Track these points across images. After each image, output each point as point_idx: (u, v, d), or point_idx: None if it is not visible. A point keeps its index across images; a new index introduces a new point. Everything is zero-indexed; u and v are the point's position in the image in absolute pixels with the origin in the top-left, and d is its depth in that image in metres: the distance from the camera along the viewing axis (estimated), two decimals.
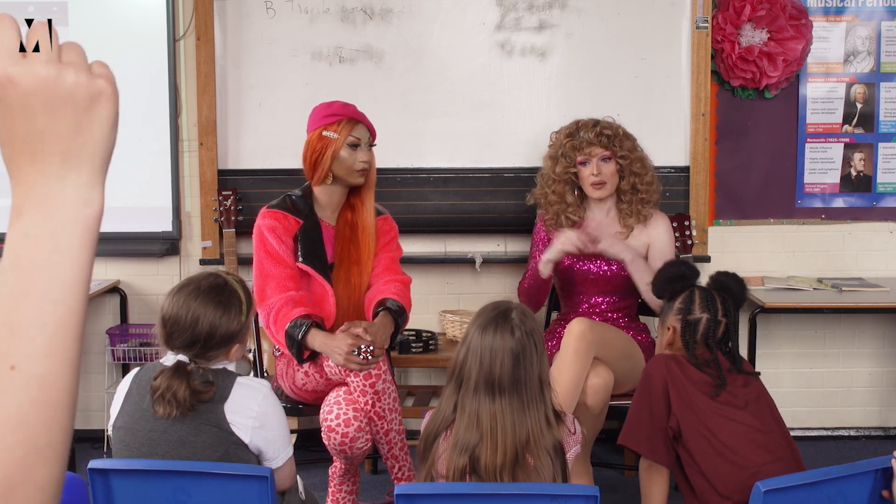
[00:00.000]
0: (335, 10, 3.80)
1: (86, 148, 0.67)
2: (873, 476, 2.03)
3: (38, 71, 0.65)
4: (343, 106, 2.93)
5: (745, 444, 2.31)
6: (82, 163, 0.67)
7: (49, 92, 0.65)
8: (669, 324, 2.54)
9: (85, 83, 0.67)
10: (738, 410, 2.37)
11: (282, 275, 2.84)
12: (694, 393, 2.39)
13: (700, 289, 2.54)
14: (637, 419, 2.44)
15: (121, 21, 3.86)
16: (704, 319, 2.48)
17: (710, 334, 2.47)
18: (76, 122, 0.66)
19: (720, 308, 2.49)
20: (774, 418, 2.42)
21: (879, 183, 3.95)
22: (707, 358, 2.45)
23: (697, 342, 2.47)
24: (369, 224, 2.96)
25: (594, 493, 1.84)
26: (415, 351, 3.64)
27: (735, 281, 2.59)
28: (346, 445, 2.68)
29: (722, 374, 2.41)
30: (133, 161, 3.88)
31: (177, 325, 2.10)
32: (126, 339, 3.84)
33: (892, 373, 4.07)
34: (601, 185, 3.14)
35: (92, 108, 0.67)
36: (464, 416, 2.01)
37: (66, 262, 0.66)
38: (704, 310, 2.49)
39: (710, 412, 2.36)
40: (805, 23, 3.79)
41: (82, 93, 0.66)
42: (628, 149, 3.15)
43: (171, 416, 2.03)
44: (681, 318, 2.50)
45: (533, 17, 3.80)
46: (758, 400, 2.42)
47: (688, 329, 2.48)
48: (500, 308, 2.09)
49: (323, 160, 2.88)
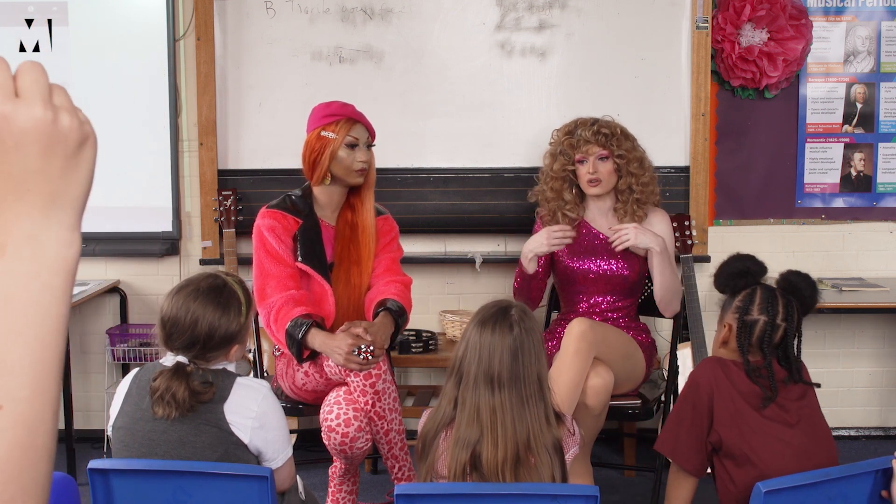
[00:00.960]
0: (335, 10, 3.80)
1: (71, 190, 0.68)
2: (873, 476, 2.03)
3: (36, 112, 0.65)
4: (342, 106, 2.93)
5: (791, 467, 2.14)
6: (66, 205, 0.68)
7: (45, 133, 0.66)
8: (726, 321, 2.38)
9: (77, 127, 0.68)
10: (788, 429, 2.23)
11: (282, 274, 2.84)
12: (742, 406, 2.24)
13: (764, 288, 2.36)
14: (676, 427, 2.31)
15: (121, 21, 3.86)
16: (762, 322, 2.31)
17: (765, 338, 2.30)
18: (65, 165, 0.67)
19: (781, 311, 2.31)
20: (825, 436, 2.27)
21: (879, 183, 3.95)
22: (759, 364, 2.29)
23: (752, 345, 2.31)
24: (369, 224, 2.95)
25: (594, 493, 1.84)
26: (415, 351, 3.64)
27: (806, 282, 2.40)
28: (346, 445, 2.68)
29: (774, 384, 2.26)
30: (133, 161, 3.88)
31: (176, 326, 2.10)
32: (126, 339, 3.84)
33: (892, 373, 4.07)
34: (597, 182, 3.15)
35: (80, 152, 0.68)
36: (464, 411, 2.02)
37: (52, 303, 0.67)
38: (763, 311, 2.31)
39: (757, 429, 2.21)
40: (805, 23, 3.79)
41: (74, 136, 0.68)
42: (626, 148, 3.15)
43: (170, 417, 2.03)
44: (738, 316, 2.33)
45: (533, 17, 3.80)
46: (811, 416, 2.28)
47: (743, 330, 2.32)
48: (499, 305, 2.10)
49: (321, 160, 2.88)
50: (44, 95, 0.66)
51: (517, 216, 3.74)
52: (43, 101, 0.66)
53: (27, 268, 0.66)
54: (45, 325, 0.66)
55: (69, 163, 0.68)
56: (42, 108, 0.66)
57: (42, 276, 0.67)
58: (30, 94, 0.65)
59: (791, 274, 2.42)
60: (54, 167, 0.67)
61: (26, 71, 0.66)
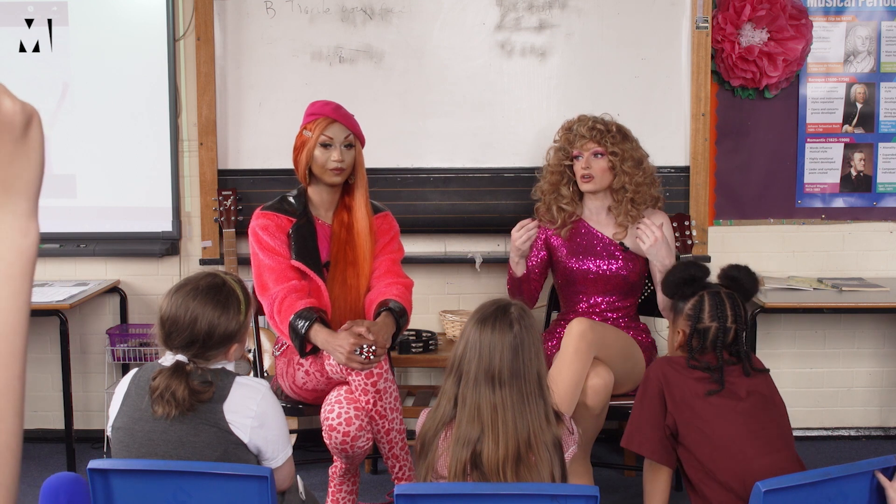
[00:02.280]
0: (335, 10, 3.80)
1: (23, 176, 0.66)
2: (873, 476, 2.03)
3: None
4: (322, 105, 2.94)
5: (743, 434, 2.32)
6: (19, 191, 0.66)
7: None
8: (679, 327, 2.53)
9: (20, 108, 0.65)
10: (739, 402, 2.37)
11: (281, 266, 2.85)
12: (690, 389, 2.39)
13: (710, 294, 2.49)
14: (637, 422, 2.47)
15: (121, 21, 3.86)
16: (713, 328, 2.45)
17: (718, 342, 2.45)
18: (13, 150, 0.65)
19: (730, 314, 2.46)
20: (777, 413, 2.42)
21: (879, 183, 3.95)
22: (714, 365, 2.43)
23: (706, 348, 2.46)
24: (364, 226, 2.95)
25: (594, 493, 1.84)
26: (415, 351, 3.64)
27: (746, 274, 2.55)
28: (347, 444, 2.68)
29: (722, 378, 2.40)
30: (133, 161, 3.88)
31: (175, 325, 2.10)
32: (126, 339, 3.84)
33: (892, 373, 4.07)
34: (589, 178, 3.16)
35: (27, 133, 0.66)
36: (465, 409, 2.02)
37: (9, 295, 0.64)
38: (714, 318, 2.45)
39: (707, 406, 2.36)
40: (805, 23, 3.79)
41: (18, 119, 0.65)
42: (622, 147, 3.15)
43: (169, 416, 2.03)
44: (690, 324, 2.48)
45: (533, 17, 3.80)
46: (761, 390, 2.42)
47: (696, 336, 2.46)
48: (498, 304, 2.10)
49: (301, 159, 2.90)
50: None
51: (517, 216, 3.72)
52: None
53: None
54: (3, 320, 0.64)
55: (17, 148, 0.65)
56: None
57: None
58: None
59: (731, 268, 2.57)
60: (2, 154, 0.64)
61: None
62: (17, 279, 0.65)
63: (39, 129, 0.67)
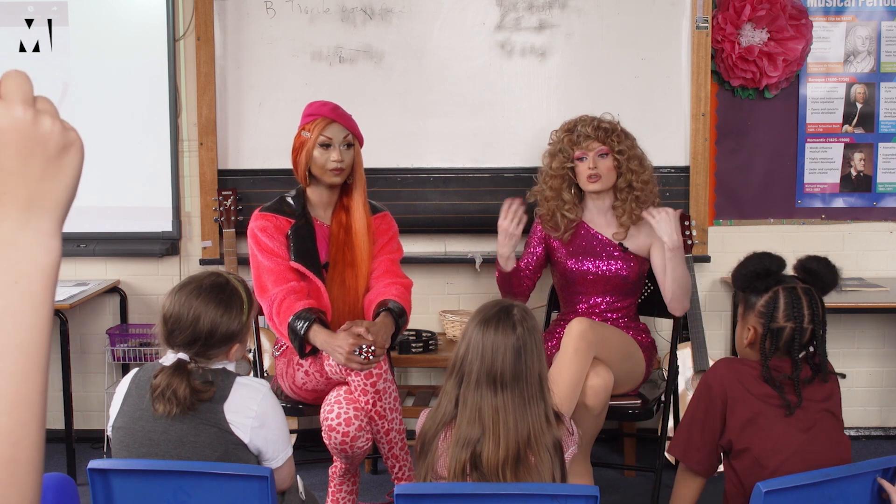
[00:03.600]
0: (335, 10, 3.80)
1: (51, 195, 0.67)
2: (873, 476, 2.03)
3: (16, 112, 0.65)
4: (321, 105, 2.93)
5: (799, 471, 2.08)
6: (45, 209, 0.67)
7: (23, 133, 0.65)
8: (751, 324, 2.27)
9: (59, 131, 0.67)
10: (801, 433, 2.16)
11: (279, 267, 2.85)
12: (755, 410, 2.17)
13: (786, 291, 2.23)
14: (688, 430, 2.27)
15: (121, 21, 3.86)
16: (789, 329, 2.21)
17: (794, 344, 2.21)
18: (45, 168, 0.66)
19: (807, 314, 2.21)
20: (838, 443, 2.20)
21: (879, 183, 3.95)
22: (787, 374, 2.20)
23: (779, 349, 2.22)
24: (362, 227, 2.95)
25: (594, 493, 1.84)
26: (415, 351, 3.64)
27: (825, 266, 2.30)
28: (346, 445, 2.68)
29: (799, 390, 2.18)
30: (133, 161, 3.88)
31: (178, 323, 2.10)
32: (126, 339, 3.84)
33: (892, 373, 4.07)
34: (596, 178, 3.14)
35: (62, 156, 0.67)
36: (465, 410, 2.02)
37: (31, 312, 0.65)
38: (790, 318, 2.21)
39: (769, 434, 2.15)
40: (805, 23, 3.79)
41: (55, 140, 0.67)
42: (626, 145, 3.15)
43: (170, 414, 2.03)
44: (763, 322, 2.23)
45: (533, 17, 3.80)
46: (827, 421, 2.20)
47: (769, 337, 2.21)
48: (501, 305, 2.09)
49: (300, 160, 2.90)
50: (25, 98, 0.66)
51: None
52: (23, 103, 0.65)
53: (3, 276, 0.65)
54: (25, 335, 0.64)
55: (49, 167, 0.66)
56: (22, 109, 0.65)
57: (20, 284, 0.65)
58: (10, 96, 0.65)
59: (809, 261, 2.32)
60: (33, 170, 0.66)
61: (10, 77, 0.66)
62: (38, 295, 0.66)
63: (77, 157, 0.69)
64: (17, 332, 0.64)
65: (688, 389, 3.63)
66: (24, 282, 0.65)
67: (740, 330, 2.35)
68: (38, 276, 0.66)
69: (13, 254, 0.65)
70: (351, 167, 2.93)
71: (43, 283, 0.67)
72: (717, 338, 3.99)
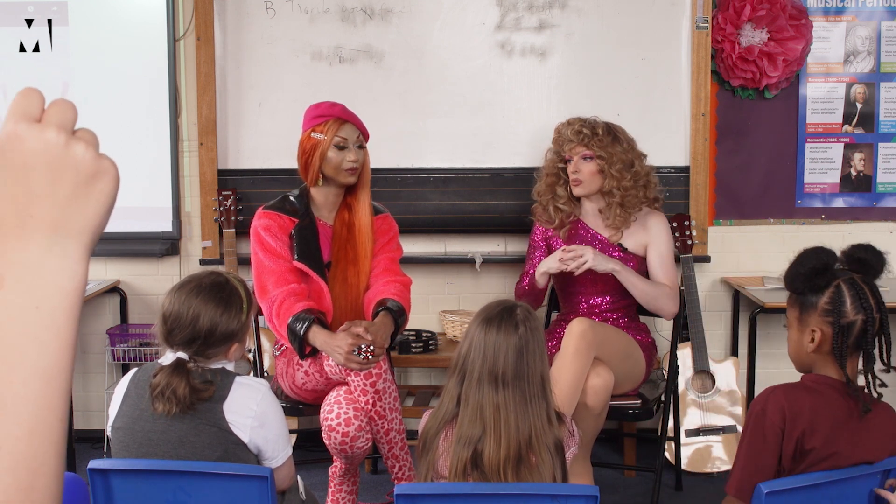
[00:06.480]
0: (335, 10, 3.80)
1: (78, 221, 0.67)
2: (874, 477, 2.03)
3: (48, 135, 0.65)
4: (330, 106, 2.93)
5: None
6: (72, 234, 0.66)
7: (53, 157, 0.65)
8: (815, 326, 2.08)
9: (91, 158, 0.67)
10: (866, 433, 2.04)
11: (281, 268, 2.84)
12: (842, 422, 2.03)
13: (847, 283, 2.07)
14: (749, 471, 2.05)
15: (121, 21, 3.86)
16: (860, 321, 2.05)
17: (866, 336, 2.05)
18: (73, 193, 0.66)
19: (874, 304, 2.05)
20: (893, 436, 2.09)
21: (879, 183, 3.95)
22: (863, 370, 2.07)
23: (850, 346, 2.06)
24: (365, 224, 2.95)
25: (594, 493, 1.84)
26: (415, 351, 3.64)
27: (873, 253, 2.13)
28: (346, 445, 2.68)
29: (875, 387, 2.07)
30: (133, 161, 3.88)
31: (177, 322, 2.10)
32: (126, 339, 3.84)
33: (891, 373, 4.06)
34: (577, 182, 3.16)
35: (93, 183, 0.67)
36: (467, 408, 2.02)
37: (52, 338, 0.64)
38: (859, 310, 2.05)
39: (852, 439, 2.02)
40: (805, 23, 3.79)
41: (86, 166, 0.66)
42: (610, 150, 3.13)
43: (170, 413, 2.03)
44: (832, 321, 2.05)
45: (533, 17, 3.80)
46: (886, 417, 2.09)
47: (841, 335, 2.05)
48: (503, 305, 2.10)
49: (312, 161, 2.89)
50: (61, 123, 0.65)
51: (517, 216, 3.74)
52: (58, 127, 0.65)
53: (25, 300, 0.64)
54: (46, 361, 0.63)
55: (78, 192, 0.66)
56: (56, 133, 0.65)
57: (42, 309, 0.64)
58: (48, 120, 0.65)
59: (857, 250, 2.15)
60: (61, 194, 0.65)
61: (55, 103, 0.66)
62: (62, 320, 0.65)
63: (110, 185, 0.68)
64: (39, 357, 0.63)
65: (688, 389, 3.63)
66: (47, 306, 0.64)
67: (798, 336, 2.16)
68: (61, 300, 0.65)
69: (37, 278, 0.64)
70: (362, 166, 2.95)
71: (66, 308, 0.65)
72: (717, 338, 3.99)
